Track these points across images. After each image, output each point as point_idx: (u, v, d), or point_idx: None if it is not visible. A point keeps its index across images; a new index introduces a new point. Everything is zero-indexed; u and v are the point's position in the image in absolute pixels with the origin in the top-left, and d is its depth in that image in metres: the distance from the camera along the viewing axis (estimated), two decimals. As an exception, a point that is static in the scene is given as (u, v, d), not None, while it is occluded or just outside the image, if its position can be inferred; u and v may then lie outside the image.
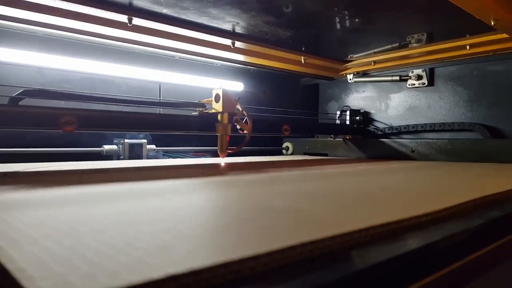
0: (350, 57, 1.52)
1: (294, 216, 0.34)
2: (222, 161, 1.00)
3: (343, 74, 1.58)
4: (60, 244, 0.24)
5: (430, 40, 1.26)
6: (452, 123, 1.32)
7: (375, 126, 1.54)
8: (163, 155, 1.27)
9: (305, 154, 1.59)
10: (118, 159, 1.14)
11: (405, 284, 0.26)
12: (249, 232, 0.28)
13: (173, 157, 1.29)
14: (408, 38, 1.29)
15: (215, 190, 0.55)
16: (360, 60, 1.48)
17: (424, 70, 1.39)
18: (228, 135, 0.95)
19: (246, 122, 0.96)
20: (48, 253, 0.23)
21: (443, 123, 1.34)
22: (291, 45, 1.32)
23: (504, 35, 1.07)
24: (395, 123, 1.49)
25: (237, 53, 1.25)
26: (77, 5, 0.87)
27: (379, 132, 1.51)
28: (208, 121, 0.95)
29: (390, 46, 1.37)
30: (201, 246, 0.24)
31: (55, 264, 0.20)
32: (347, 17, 1.08)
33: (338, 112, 1.58)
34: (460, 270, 0.31)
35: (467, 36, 1.18)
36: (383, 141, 1.38)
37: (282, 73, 1.51)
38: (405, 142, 1.32)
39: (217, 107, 0.94)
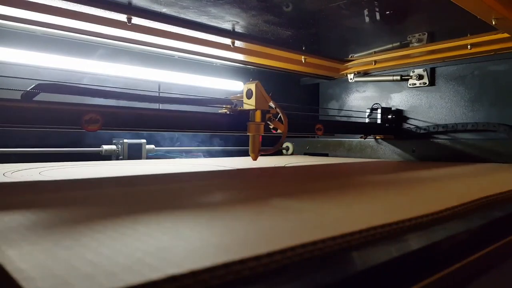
0: (351, 56, 1.52)
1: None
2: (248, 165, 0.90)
3: (343, 73, 1.58)
4: (59, 245, 0.24)
5: (431, 39, 1.26)
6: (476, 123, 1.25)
7: (414, 124, 1.43)
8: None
9: (305, 154, 1.59)
10: (117, 159, 1.14)
11: (407, 284, 0.25)
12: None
13: (173, 157, 1.29)
14: (409, 37, 1.29)
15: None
16: (360, 59, 1.48)
17: (425, 70, 1.39)
18: (261, 135, 0.86)
19: (280, 120, 0.86)
20: (47, 253, 0.22)
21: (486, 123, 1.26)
22: (291, 45, 1.32)
23: (505, 35, 1.07)
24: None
25: (237, 52, 1.25)
26: (76, 4, 0.87)
27: (422, 131, 1.39)
28: (238, 119, 0.86)
29: (391, 46, 1.36)
30: (201, 247, 0.24)
31: (54, 265, 0.20)
32: (347, 17, 1.08)
33: (368, 110, 1.48)
34: (462, 270, 0.30)
35: (468, 35, 1.18)
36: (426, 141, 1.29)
37: (282, 72, 1.51)
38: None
39: (250, 103, 0.84)
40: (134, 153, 1.14)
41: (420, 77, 1.40)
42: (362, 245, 0.27)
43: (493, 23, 0.89)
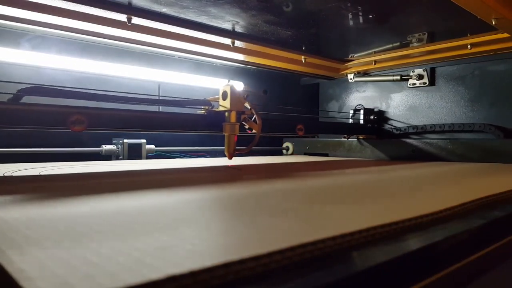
0: (351, 56, 1.52)
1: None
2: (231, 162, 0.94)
3: (343, 73, 1.58)
4: (59, 245, 0.24)
5: (431, 39, 1.26)
6: (473, 124, 1.28)
7: (391, 125, 1.49)
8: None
9: (305, 154, 1.59)
10: (117, 159, 1.14)
11: (407, 284, 0.26)
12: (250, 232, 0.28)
13: (172, 157, 1.29)
14: (409, 37, 1.29)
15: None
16: (360, 59, 1.48)
17: (425, 70, 1.39)
18: (236, 135, 0.90)
19: (255, 120, 0.90)
20: (47, 254, 0.22)
21: (462, 124, 1.30)
22: (291, 45, 1.32)
23: (506, 35, 1.07)
24: (397, 123, 1.47)
25: (237, 52, 1.25)
26: (76, 4, 0.87)
27: (396, 132, 1.46)
28: (214, 120, 0.90)
29: (391, 46, 1.37)
30: (201, 247, 0.24)
31: (54, 265, 0.20)
32: (347, 16, 1.08)
33: (351, 111, 1.53)
34: (462, 270, 0.30)
35: (468, 35, 1.18)
36: (403, 141, 1.33)
37: (282, 72, 1.51)
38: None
39: (225, 104, 0.89)
40: (134, 153, 1.15)
41: (420, 77, 1.40)
42: (362, 245, 0.27)
43: (493, 23, 0.89)
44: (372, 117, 1.49)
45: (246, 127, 0.92)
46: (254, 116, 0.90)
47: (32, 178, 0.68)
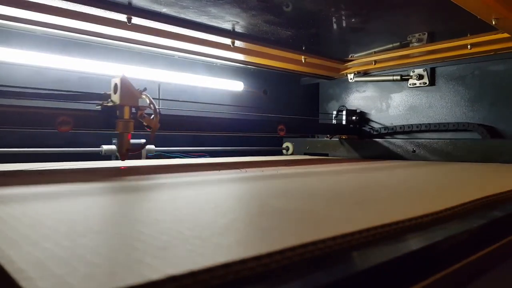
0: (351, 56, 1.52)
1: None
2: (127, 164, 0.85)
3: (343, 73, 1.58)
4: (59, 245, 0.24)
5: (431, 39, 1.26)
6: (457, 123, 1.31)
7: (371, 126, 1.55)
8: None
9: (305, 154, 1.59)
10: (117, 159, 1.14)
11: (407, 284, 0.26)
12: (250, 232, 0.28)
13: (172, 157, 1.29)
14: (409, 37, 1.29)
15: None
16: (360, 59, 1.48)
17: (425, 70, 1.39)
18: (130, 133, 0.80)
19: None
20: (47, 254, 0.22)
21: (445, 123, 1.34)
22: (291, 45, 1.32)
23: (506, 35, 1.07)
24: (396, 122, 1.48)
25: (237, 52, 1.25)
26: (76, 4, 0.87)
27: (375, 132, 1.51)
28: (107, 116, 0.80)
29: (391, 46, 1.37)
30: (201, 247, 0.24)
31: (54, 265, 0.20)
32: (347, 16, 1.08)
33: (335, 112, 1.58)
34: (462, 270, 0.30)
35: (468, 35, 1.18)
36: (377, 142, 1.39)
37: (282, 72, 1.51)
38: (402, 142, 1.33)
39: (115, 99, 0.78)
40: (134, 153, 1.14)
41: (420, 77, 1.40)
42: (362, 245, 0.27)
43: (493, 23, 0.89)
44: (354, 117, 1.54)
45: (145, 124, 0.82)
46: (154, 112, 0.80)
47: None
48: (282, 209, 0.37)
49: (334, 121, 1.59)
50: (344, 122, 1.54)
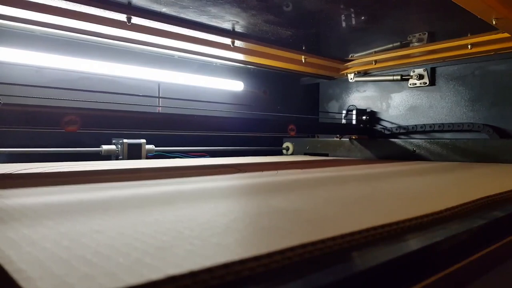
0: (351, 56, 1.52)
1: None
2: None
3: (344, 73, 1.58)
4: (58, 245, 0.24)
5: (432, 39, 1.26)
6: (461, 123, 1.31)
7: (382, 125, 1.52)
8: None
9: (305, 154, 1.59)
10: (117, 159, 1.14)
11: (407, 285, 0.25)
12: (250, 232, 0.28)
13: (172, 157, 1.28)
14: (410, 37, 1.29)
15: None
16: (361, 59, 1.48)
17: (426, 70, 1.39)
18: None
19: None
20: (46, 254, 0.22)
21: (452, 124, 1.33)
22: (292, 44, 1.32)
23: (506, 35, 1.06)
24: (396, 122, 1.48)
25: (237, 52, 1.25)
26: (76, 4, 0.87)
27: (387, 132, 1.49)
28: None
29: (391, 45, 1.36)
30: (201, 247, 0.24)
31: (53, 265, 0.20)
32: (348, 16, 1.08)
33: (344, 112, 1.56)
34: (462, 270, 0.30)
35: (469, 35, 1.18)
36: (391, 141, 1.38)
37: (282, 72, 1.51)
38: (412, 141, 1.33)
39: None
40: (134, 153, 1.14)
41: (420, 77, 1.40)
42: (362, 245, 0.27)
43: (493, 23, 0.89)
44: (364, 117, 1.52)
45: None
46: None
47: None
48: (282, 209, 0.37)
49: (343, 121, 1.56)
50: (354, 122, 1.52)
